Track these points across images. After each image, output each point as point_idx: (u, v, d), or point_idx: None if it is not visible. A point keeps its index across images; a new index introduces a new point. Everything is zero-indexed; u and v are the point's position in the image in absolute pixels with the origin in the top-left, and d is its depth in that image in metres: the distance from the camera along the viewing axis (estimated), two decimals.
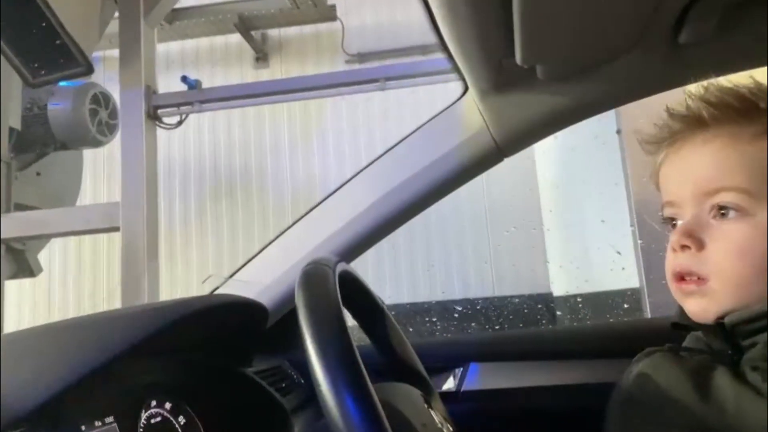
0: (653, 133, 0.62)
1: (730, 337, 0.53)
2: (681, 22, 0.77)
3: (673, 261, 0.57)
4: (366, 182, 0.92)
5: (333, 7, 4.33)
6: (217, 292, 1.00)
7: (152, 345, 0.65)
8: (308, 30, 4.56)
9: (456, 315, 3.93)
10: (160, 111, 2.94)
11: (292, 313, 1.01)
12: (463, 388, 1.00)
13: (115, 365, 0.60)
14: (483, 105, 0.89)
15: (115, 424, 0.62)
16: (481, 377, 1.00)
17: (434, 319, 3.93)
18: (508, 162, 0.90)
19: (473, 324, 3.89)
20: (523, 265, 3.98)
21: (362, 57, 4.36)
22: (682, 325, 0.59)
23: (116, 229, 2.63)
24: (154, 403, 0.67)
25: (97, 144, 3.31)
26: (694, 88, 0.62)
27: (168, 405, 0.68)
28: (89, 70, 2.15)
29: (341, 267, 0.63)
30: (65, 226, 2.74)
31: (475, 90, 0.89)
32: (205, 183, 4.61)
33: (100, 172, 4.60)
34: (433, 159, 0.90)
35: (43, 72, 2.07)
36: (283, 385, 0.96)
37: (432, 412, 0.64)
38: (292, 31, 4.61)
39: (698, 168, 0.56)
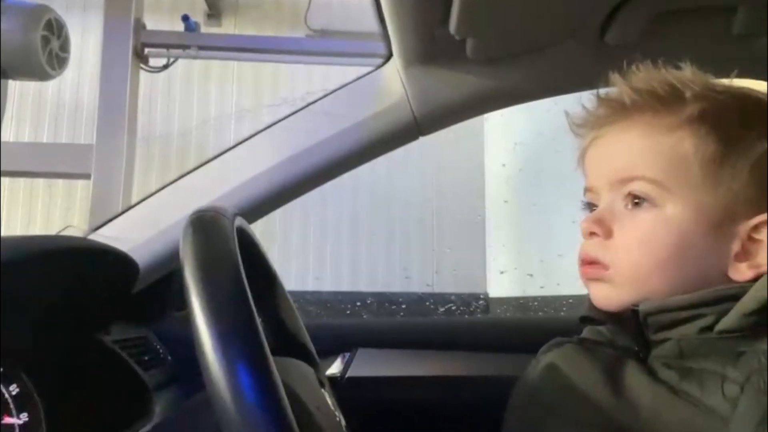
0: (582, 116, 0.60)
1: (640, 330, 0.52)
2: (610, 23, 0.78)
3: (583, 247, 0.56)
4: (272, 139, 0.83)
5: None
6: None
7: None
8: None
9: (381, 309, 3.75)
10: (147, 50, 2.56)
11: (166, 279, 0.90)
12: (348, 374, 0.94)
13: None
14: (406, 76, 0.84)
15: None
16: (369, 364, 0.95)
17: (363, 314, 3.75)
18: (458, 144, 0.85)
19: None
20: (464, 262, 3.83)
21: (324, 35, 3.87)
22: (591, 318, 0.57)
23: (87, 176, 2.19)
24: None
25: (44, 77, 2.74)
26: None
27: None
28: None
29: (239, 221, 0.54)
30: (24, 164, 2.25)
31: (400, 59, 0.84)
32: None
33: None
34: (347, 125, 0.83)
35: None
36: (146, 358, 0.85)
37: (325, 395, 0.58)
38: None
39: (615, 155, 0.56)
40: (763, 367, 0.44)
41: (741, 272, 0.51)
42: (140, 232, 0.84)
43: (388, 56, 0.86)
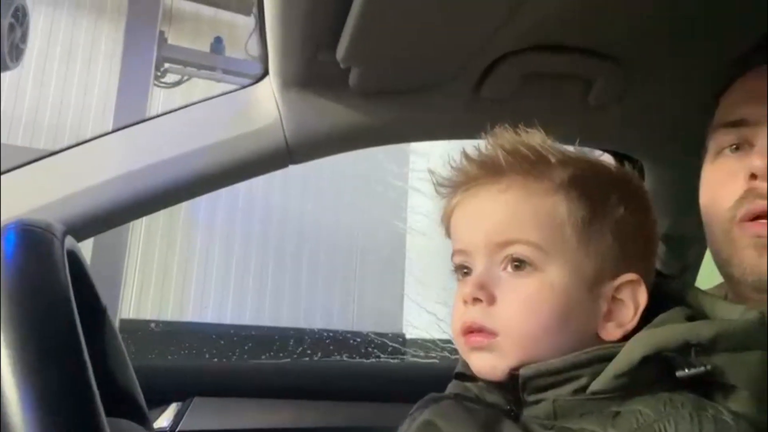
0: (448, 176, 0.58)
1: (515, 391, 0.51)
2: (486, 76, 0.80)
3: (464, 314, 0.53)
4: (123, 146, 0.71)
5: (252, 1, 3.50)
6: None
7: None
8: (208, 12, 3.63)
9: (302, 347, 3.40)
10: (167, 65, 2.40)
11: None
12: (179, 428, 0.81)
13: None
14: (282, 98, 0.78)
15: None
16: (205, 415, 0.83)
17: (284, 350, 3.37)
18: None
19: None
20: (384, 301, 3.62)
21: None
22: (467, 375, 0.55)
23: None
24: None
25: (3, 67, 2.25)
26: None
27: None
28: None
29: (70, 243, 0.44)
30: None
31: (277, 79, 0.78)
32: None
33: None
34: (212, 141, 0.75)
35: None
36: None
37: None
38: (189, 6, 3.60)
39: (492, 217, 0.54)
40: (641, 427, 0.44)
41: (609, 332, 0.52)
42: None
43: (264, 74, 0.80)
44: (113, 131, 0.72)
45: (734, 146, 0.61)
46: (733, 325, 0.47)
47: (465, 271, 0.56)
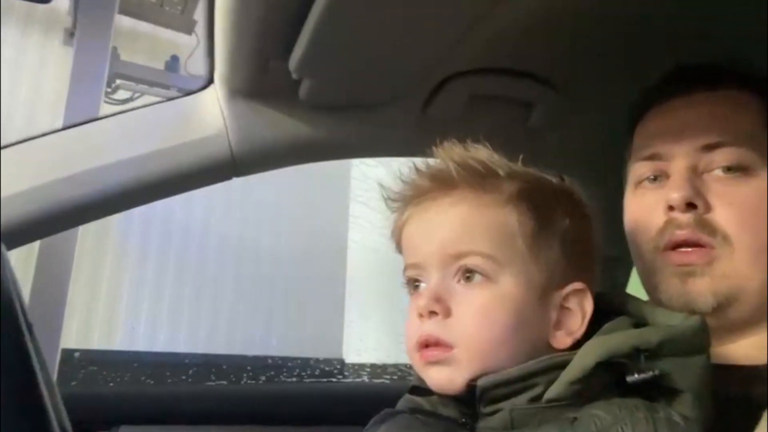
0: (398, 190, 0.58)
1: (472, 403, 0.51)
2: (434, 96, 0.82)
3: (419, 328, 0.53)
4: (57, 149, 0.66)
5: (194, 21, 3.30)
6: None
7: None
8: (145, 28, 3.39)
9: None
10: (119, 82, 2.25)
11: None
12: None
13: None
14: (228, 106, 0.76)
15: None
16: None
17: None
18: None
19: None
20: (321, 324, 3.44)
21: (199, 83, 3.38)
22: (422, 390, 0.55)
23: None
24: None
25: None
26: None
27: None
28: None
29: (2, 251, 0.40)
30: None
31: (223, 87, 0.76)
32: None
33: None
34: (153, 149, 0.71)
35: None
36: None
37: None
38: (127, 21, 3.33)
39: (445, 230, 0.55)
40: (599, 430, 0.45)
41: (559, 340, 0.53)
42: None
43: (209, 81, 0.77)
44: (46, 133, 0.67)
45: (652, 177, 0.65)
46: (678, 331, 0.50)
47: (417, 284, 0.56)
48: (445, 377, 0.52)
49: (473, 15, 0.64)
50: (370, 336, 3.30)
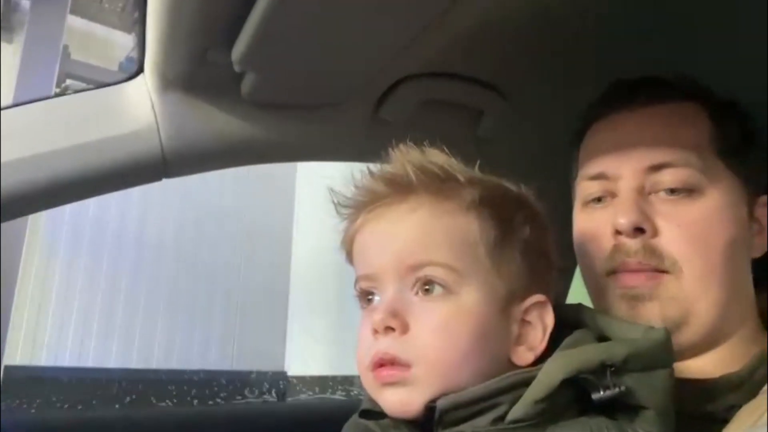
0: (350, 195, 0.54)
1: (428, 427, 0.47)
2: (385, 98, 0.79)
3: (373, 345, 0.49)
4: None
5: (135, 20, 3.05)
6: None
7: None
8: (101, 31, 3.14)
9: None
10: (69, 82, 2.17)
11: None
12: None
13: None
14: (160, 100, 0.69)
15: None
16: None
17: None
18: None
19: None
20: (263, 336, 3.24)
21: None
22: (374, 413, 0.50)
23: None
24: None
25: None
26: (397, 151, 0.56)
27: None
28: None
29: None
30: None
31: (154, 77, 0.69)
32: None
33: None
34: (73, 143, 0.63)
35: None
36: None
37: None
38: (79, 22, 3.07)
39: (402, 238, 0.51)
40: None
41: (521, 356, 0.50)
42: None
43: (139, 71, 0.70)
44: None
45: (598, 198, 0.64)
46: (644, 345, 0.48)
47: (369, 297, 0.52)
48: (401, 399, 0.48)
49: (428, 16, 0.61)
50: (314, 348, 3.17)
